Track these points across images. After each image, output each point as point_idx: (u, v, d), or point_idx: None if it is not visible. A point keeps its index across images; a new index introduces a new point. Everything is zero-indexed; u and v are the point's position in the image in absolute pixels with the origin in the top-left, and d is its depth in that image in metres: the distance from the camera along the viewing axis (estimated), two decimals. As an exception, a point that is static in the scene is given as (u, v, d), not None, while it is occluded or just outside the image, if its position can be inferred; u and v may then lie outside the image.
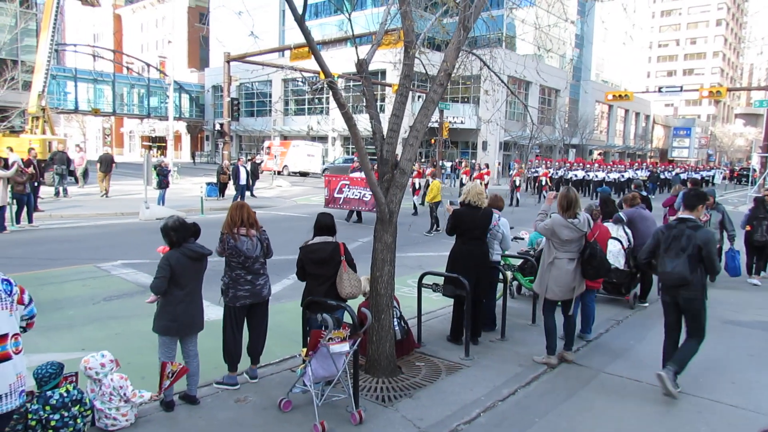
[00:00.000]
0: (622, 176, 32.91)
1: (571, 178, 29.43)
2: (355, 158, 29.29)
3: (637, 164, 41.06)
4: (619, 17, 36.65)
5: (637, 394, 5.18)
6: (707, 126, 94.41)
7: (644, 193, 10.52)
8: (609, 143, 67.50)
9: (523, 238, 8.91)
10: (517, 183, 25.10)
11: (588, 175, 30.52)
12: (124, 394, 4.23)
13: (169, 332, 4.60)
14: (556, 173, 29.95)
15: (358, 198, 16.02)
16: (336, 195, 16.29)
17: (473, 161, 40.33)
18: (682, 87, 34.83)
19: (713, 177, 49.72)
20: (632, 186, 11.31)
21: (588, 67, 63.24)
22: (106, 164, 21.17)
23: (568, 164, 33.39)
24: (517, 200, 23.77)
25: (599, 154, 61.87)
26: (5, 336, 3.09)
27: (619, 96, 33.91)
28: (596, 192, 27.83)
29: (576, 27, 51.00)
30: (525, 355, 6.10)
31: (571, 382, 5.47)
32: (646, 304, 8.39)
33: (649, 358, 5.98)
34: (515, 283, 8.57)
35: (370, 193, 16.17)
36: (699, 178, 39.22)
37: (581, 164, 33.95)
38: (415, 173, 22.88)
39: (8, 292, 3.16)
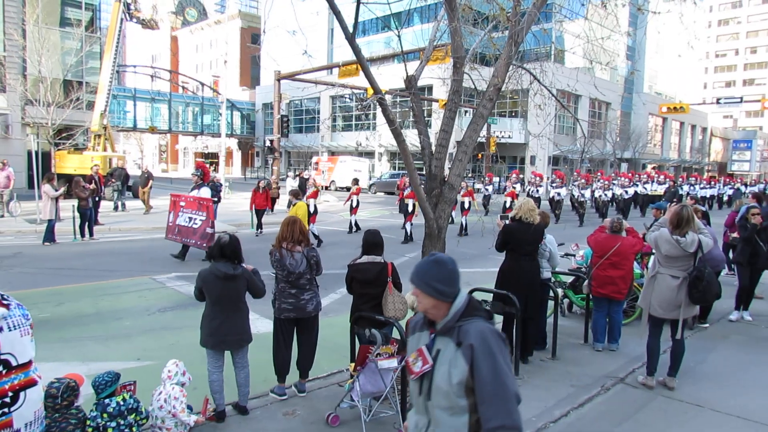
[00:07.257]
0: (626, 192, 27.21)
1: (553, 197, 24.27)
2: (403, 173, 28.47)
3: (646, 176, 33.25)
4: (674, 28, 35.47)
5: (699, 419, 4.94)
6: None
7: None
8: (663, 157, 65.36)
9: (573, 255, 8.65)
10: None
11: (574, 194, 24.86)
12: (173, 407, 4.22)
13: (207, 345, 4.76)
14: (536, 191, 24.39)
15: (187, 225, 11.80)
16: (177, 222, 12.19)
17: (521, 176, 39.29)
18: (742, 98, 33.38)
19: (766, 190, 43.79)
20: (688, 199, 10.79)
21: (641, 79, 61.65)
22: (144, 180, 21.56)
23: (559, 179, 26.47)
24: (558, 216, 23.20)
25: (653, 168, 59.86)
26: (30, 362, 3.09)
27: (674, 108, 32.66)
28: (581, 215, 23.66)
29: (628, 39, 49.87)
30: (577, 375, 5.92)
31: (628, 405, 5.26)
32: (707, 325, 8.01)
33: (710, 381, 5.70)
34: (566, 300, 8.37)
35: (201, 218, 11.80)
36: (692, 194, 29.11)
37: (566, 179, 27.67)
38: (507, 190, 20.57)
39: (26, 317, 3.09)
